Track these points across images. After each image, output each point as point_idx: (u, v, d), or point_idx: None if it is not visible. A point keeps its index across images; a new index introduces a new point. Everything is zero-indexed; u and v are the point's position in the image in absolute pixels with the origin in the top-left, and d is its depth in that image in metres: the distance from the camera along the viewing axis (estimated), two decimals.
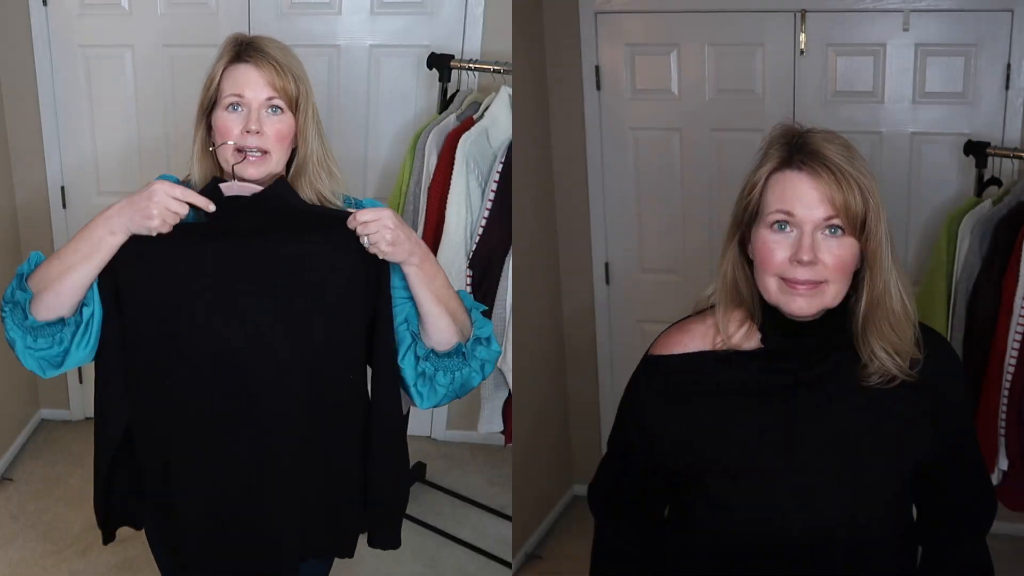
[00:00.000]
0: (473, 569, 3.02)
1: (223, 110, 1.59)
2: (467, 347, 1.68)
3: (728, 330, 1.45)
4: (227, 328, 1.56)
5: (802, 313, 1.37)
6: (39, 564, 2.94)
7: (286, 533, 1.66)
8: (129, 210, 1.51)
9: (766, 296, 1.39)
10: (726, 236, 1.46)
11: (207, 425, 1.60)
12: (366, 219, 1.54)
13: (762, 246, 1.38)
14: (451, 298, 1.67)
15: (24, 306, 1.55)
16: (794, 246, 1.35)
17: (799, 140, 1.39)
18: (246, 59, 1.59)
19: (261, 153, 1.59)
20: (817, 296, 1.36)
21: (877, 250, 1.38)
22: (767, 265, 1.37)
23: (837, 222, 1.35)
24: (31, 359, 1.59)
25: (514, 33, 3.05)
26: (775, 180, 1.38)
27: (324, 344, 1.61)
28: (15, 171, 3.43)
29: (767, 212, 1.38)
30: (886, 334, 1.39)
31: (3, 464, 3.39)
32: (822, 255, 1.35)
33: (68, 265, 1.53)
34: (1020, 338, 2.53)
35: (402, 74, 3.32)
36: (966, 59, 3.08)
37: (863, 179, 1.36)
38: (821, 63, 3.20)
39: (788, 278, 1.36)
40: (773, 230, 1.37)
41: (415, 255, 1.59)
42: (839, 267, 1.36)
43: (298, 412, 1.61)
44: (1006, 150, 2.81)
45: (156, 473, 1.67)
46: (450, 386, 1.70)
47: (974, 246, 2.64)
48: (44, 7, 3.27)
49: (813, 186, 1.35)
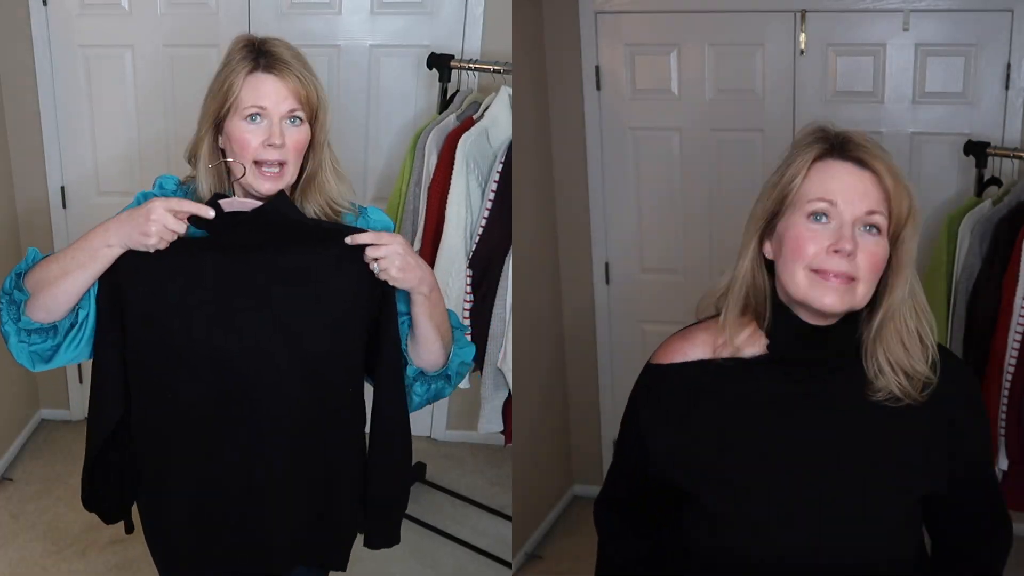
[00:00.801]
0: (473, 569, 3.01)
1: (241, 120, 1.56)
2: (452, 371, 1.72)
3: (735, 333, 1.39)
4: (226, 341, 1.56)
5: (832, 309, 1.30)
6: (39, 564, 2.94)
7: (278, 536, 1.66)
8: (128, 225, 1.50)
9: (793, 291, 1.32)
10: (747, 232, 1.39)
11: (204, 429, 1.59)
12: (376, 246, 1.54)
13: (796, 236, 1.31)
14: (446, 324, 1.70)
15: (20, 305, 1.55)
16: (833, 236, 1.29)
17: (841, 135, 1.34)
18: (268, 69, 1.56)
19: (279, 166, 1.57)
20: (848, 293, 1.30)
21: (905, 260, 1.33)
22: (799, 255, 1.31)
23: (878, 220, 1.30)
24: (23, 353, 1.59)
25: (514, 33, 3.05)
26: (817, 169, 1.33)
27: (325, 353, 1.61)
28: (15, 171, 3.43)
29: (805, 200, 1.32)
30: (895, 349, 1.33)
31: (3, 464, 3.39)
32: (858, 251, 1.30)
33: (65, 270, 1.53)
34: (1020, 338, 2.53)
35: (402, 74, 3.32)
36: (966, 59, 3.08)
37: (910, 185, 1.32)
38: (821, 63, 3.20)
39: (823, 269, 1.29)
40: (810, 220, 1.31)
41: (424, 283, 1.60)
42: (873, 266, 1.30)
43: (296, 416, 1.61)
44: (1006, 150, 2.81)
45: (153, 474, 1.67)
46: (425, 395, 1.74)
47: (974, 246, 2.64)
48: (44, 7, 3.27)
49: (859, 178, 1.31)
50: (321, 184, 1.63)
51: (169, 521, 1.68)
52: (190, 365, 1.57)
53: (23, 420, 3.62)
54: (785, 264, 1.33)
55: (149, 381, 1.60)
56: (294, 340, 1.58)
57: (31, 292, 1.54)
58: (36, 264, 1.57)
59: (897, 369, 1.33)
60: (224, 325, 1.56)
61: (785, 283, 1.33)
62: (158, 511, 1.69)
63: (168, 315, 1.55)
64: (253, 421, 1.59)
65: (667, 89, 3.37)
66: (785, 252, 1.33)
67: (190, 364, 1.57)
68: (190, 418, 1.59)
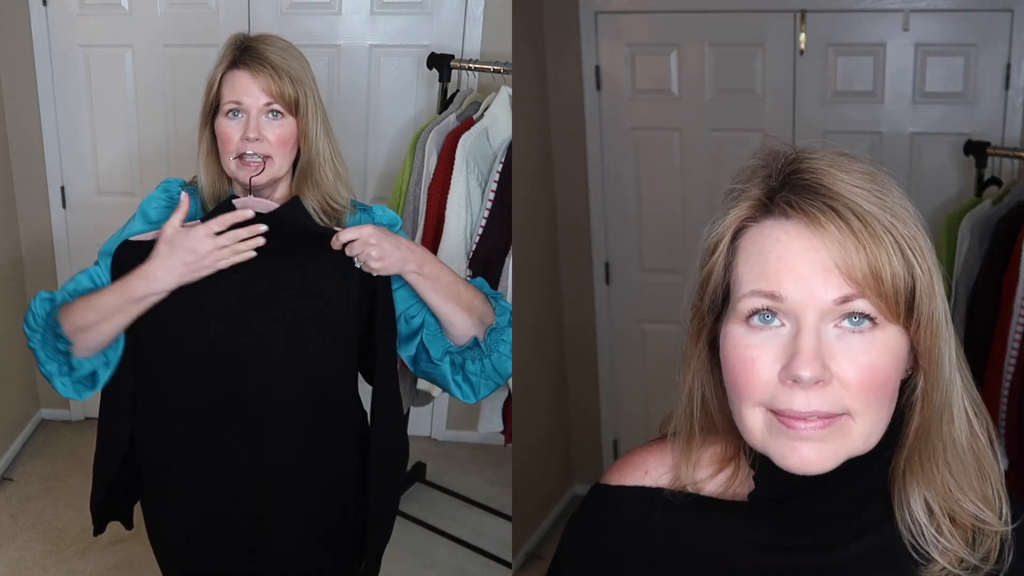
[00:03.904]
0: (473, 569, 3.01)
1: (223, 117, 1.57)
2: (484, 342, 1.66)
3: (694, 475, 0.93)
4: (236, 345, 1.56)
5: (809, 471, 0.82)
6: (39, 564, 2.94)
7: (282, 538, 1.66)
8: (181, 270, 1.47)
9: (748, 439, 0.86)
10: (687, 336, 0.92)
11: (210, 431, 1.60)
12: (349, 239, 1.51)
13: (733, 358, 0.84)
14: (462, 291, 1.62)
15: (67, 354, 1.54)
16: (787, 351, 0.81)
17: (789, 168, 0.85)
18: (242, 65, 1.56)
19: (263, 159, 1.57)
20: (834, 439, 0.82)
21: (932, 347, 0.83)
22: (744, 389, 0.83)
23: (860, 307, 0.81)
24: (68, 387, 1.57)
25: (514, 33, 3.05)
26: (748, 239, 0.86)
27: (329, 358, 1.61)
28: (15, 171, 3.43)
29: (739, 296, 0.85)
30: (935, 479, 0.84)
31: (3, 464, 3.39)
32: (838, 364, 0.81)
33: (105, 315, 1.51)
34: (1020, 338, 2.53)
35: (402, 74, 3.32)
36: (966, 59, 3.08)
37: (903, 230, 0.82)
38: (821, 63, 3.20)
39: (780, 410, 0.82)
40: (751, 326, 0.83)
41: (410, 262, 1.55)
42: (870, 385, 0.81)
43: (303, 419, 1.61)
44: (1006, 150, 2.81)
45: (157, 476, 1.67)
46: (481, 374, 1.67)
47: (974, 246, 2.64)
48: (44, 7, 3.27)
49: (813, 244, 0.81)
50: (318, 180, 1.62)
51: (174, 522, 1.68)
52: (199, 368, 1.57)
53: (23, 420, 3.62)
54: (731, 399, 0.86)
55: (155, 384, 1.60)
56: (300, 345, 1.58)
57: (71, 337, 1.53)
58: (68, 310, 1.54)
59: (939, 509, 0.85)
60: (235, 330, 1.56)
61: (737, 425, 0.87)
62: (163, 513, 1.69)
63: (180, 319, 1.55)
64: (259, 424, 1.59)
65: (667, 89, 3.37)
66: (727, 381, 0.86)
67: (199, 367, 1.57)
68: (196, 421, 1.59)
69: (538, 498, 3.42)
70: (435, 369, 1.67)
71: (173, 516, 1.68)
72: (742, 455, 0.92)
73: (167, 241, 1.47)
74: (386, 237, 1.53)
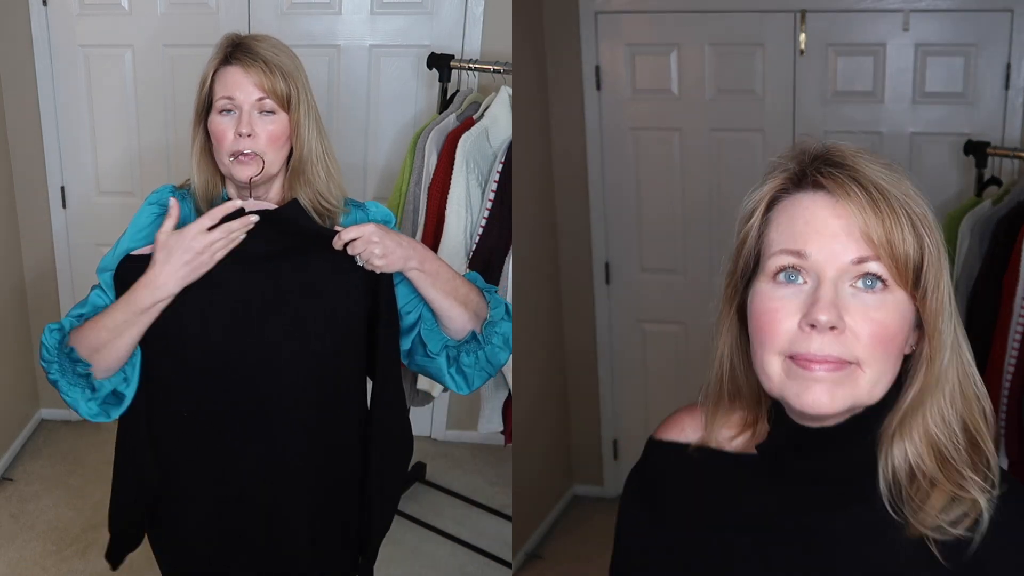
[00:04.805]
0: (473, 569, 3.01)
1: (216, 114, 1.57)
2: (481, 335, 1.67)
3: (718, 435, 1.07)
4: (243, 349, 1.56)
5: (820, 410, 0.92)
6: (39, 564, 2.94)
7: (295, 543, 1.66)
8: (183, 271, 1.48)
9: (767, 386, 0.96)
10: (721, 303, 1.04)
11: (219, 435, 1.60)
12: (351, 238, 1.52)
13: (759, 309, 0.95)
14: (460, 286, 1.63)
15: (88, 376, 1.53)
16: (807, 303, 0.92)
17: (814, 154, 0.98)
18: (234, 61, 1.56)
19: (254, 154, 1.56)
20: (844, 384, 0.92)
21: (936, 316, 0.95)
22: (767, 337, 0.94)
23: (875, 268, 0.92)
24: (94, 408, 1.56)
25: (514, 33, 3.05)
26: (780, 209, 0.97)
27: (336, 359, 1.61)
28: (15, 171, 3.43)
29: (768, 255, 0.96)
30: (923, 439, 0.94)
31: (3, 464, 3.39)
32: (852, 318, 0.92)
33: (118, 332, 1.50)
34: (1020, 338, 2.53)
35: (402, 74, 3.32)
36: (966, 59, 3.08)
37: (915, 208, 0.95)
38: (821, 63, 3.20)
39: (798, 354, 0.92)
40: (777, 282, 0.95)
41: (412, 259, 1.56)
42: (879, 338, 0.92)
43: (311, 422, 1.61)
44: (1006, 150, 2.81)
45: (167, 483, 1.66)
46: (475, 365, 1.68)
47: (974, 246, 2.64)
48: (44, 7, 3.27)
49: (837, 212, 0.93)
50: (310, 178, 1.61)
51: (178, 524, 1.67)
52: (205, 373, 1.57)
53: (23, 420, 3.62)
54: (754, 351, 0.97)
55: (162, 389, 1.60)
56: (307, 347, 1.58)
57: (88, 359, 1.53)
58: (79, 334, 1.53)
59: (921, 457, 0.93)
60: (241, 333, 1.56)
61: (759, 375, 0.97)
62: (172, 520, 1.68)
63: (186, 323, 1.55)
64: (266, 426, 1.59)
65: (667, 89, 3.37)
66: (752, 333, 0.97)
67: (204, 372, 1.57)
68: (202, 424, 1.59)
69: (538, 498, 3.42)
70: (431, 363, 1.68)
71: (177, 518, 1.67)
72: (763, 421, 1.04)
73: (163, 246, 1.48)
74: (388, 235, 1.54)
